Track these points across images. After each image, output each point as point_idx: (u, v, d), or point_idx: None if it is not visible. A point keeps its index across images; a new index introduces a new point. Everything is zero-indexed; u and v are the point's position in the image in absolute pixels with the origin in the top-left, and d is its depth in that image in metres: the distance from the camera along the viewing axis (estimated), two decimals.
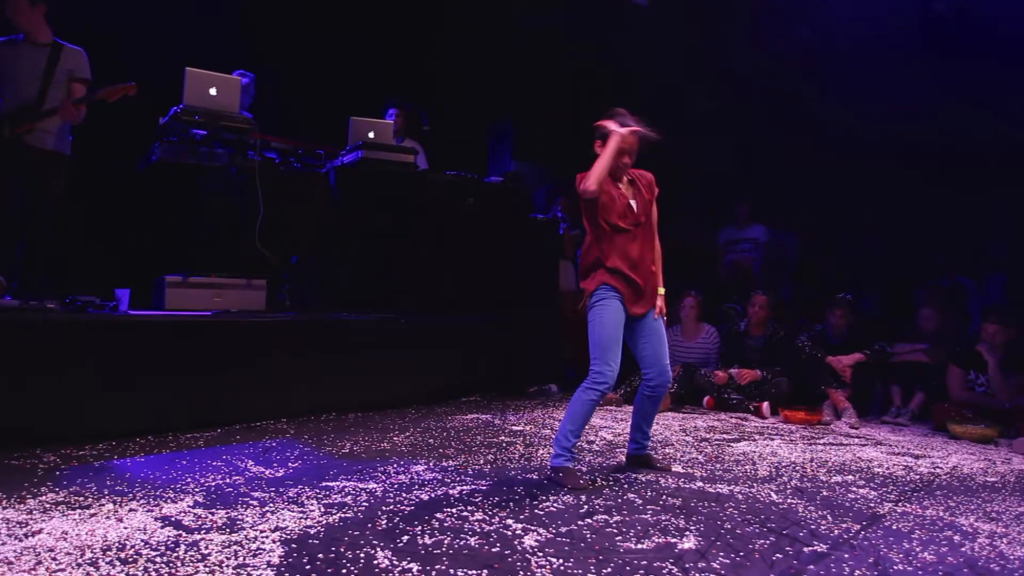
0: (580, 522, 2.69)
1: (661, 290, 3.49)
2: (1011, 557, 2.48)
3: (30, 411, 3.53)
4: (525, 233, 6.27)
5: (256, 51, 6.33)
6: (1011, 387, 4.84)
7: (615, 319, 3.28)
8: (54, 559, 2.16)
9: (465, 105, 7.55)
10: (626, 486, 3.21)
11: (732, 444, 4.24)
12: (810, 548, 2.49)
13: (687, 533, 2.59)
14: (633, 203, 3.39)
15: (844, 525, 2.74)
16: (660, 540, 2.52)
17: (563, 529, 2.60)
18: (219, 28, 6.30)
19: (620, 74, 7.51)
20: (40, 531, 2.38)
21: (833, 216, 7.40)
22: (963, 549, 2.54)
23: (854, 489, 3.29)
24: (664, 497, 3.05)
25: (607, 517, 2.75)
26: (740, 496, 3.10)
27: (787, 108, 7.10)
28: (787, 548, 2.48)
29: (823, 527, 2.71)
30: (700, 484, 3.28)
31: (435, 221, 5.82)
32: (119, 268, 5.02)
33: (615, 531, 2.60)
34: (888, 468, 3.74)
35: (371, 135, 5.67)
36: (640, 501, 2.98)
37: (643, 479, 3.34)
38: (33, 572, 2.07)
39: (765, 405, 5.23)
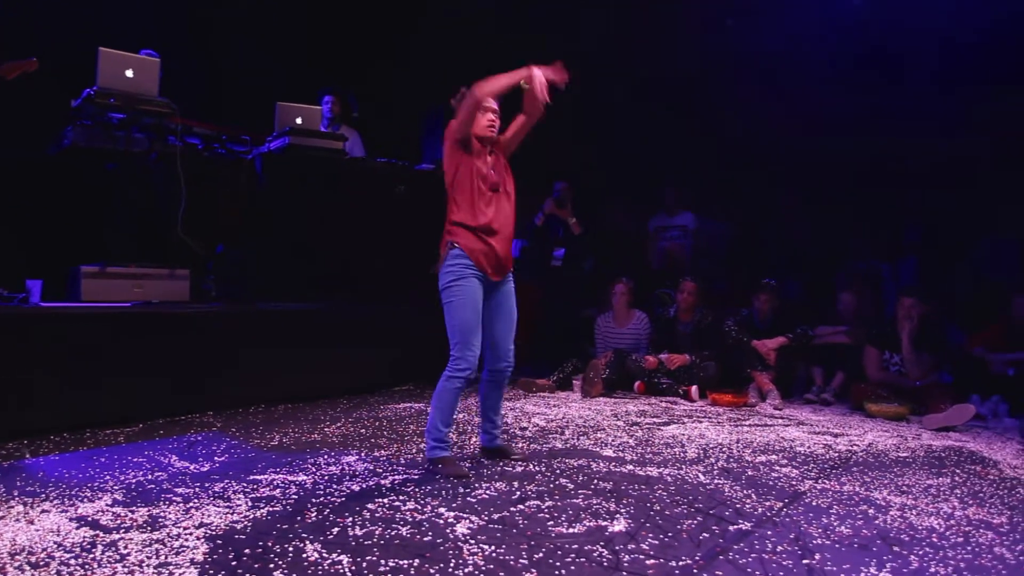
0: (512, 508, 2.70)
1: None
2: (920, 527, 2.61)
3: None
4: None
5: (174, 30, 6.10)
6: (923, 366, 5.08)
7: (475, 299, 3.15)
8: None
9: (402, 91, 7.44)
10: (558, 471, 3.24)
11: (662, 428, 4.32)
12: (735, 526, 2.56)
13: (617, 516, 2.63)
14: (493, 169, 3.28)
15: (767, 503, 2.83)
16: (591, 524, 2.55)
17: (495, 516, 2.61)
18: (134, 4, 6.04)
19: (550, 58, 7.53)
20: None
21: (759, 204, 7.60)
22: (877, 522, 2.65)
23: (777, 468, 3.40)
24: (595, 481, 3.09)
25: (539, 503, 2.77)
26: (669, 478, 3.16)
27: (713, 98, 7.25)
28: (713, 527, 2.54)
29: (747, 506, 2.80)
30: (631, 467, 3.34)
31: (365, 209, 5.73)
32: (30, 258, 4.77)
33: (547, 516, 2.62)
34: (809, 447, 3.88)
35: (299, 121, 5.53)
36: (572, 486, 3.01)
37: (574, 464, 3.38)
38: None
39: (694, 389, 5.36)
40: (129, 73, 4.71)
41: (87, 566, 2.07)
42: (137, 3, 6.01)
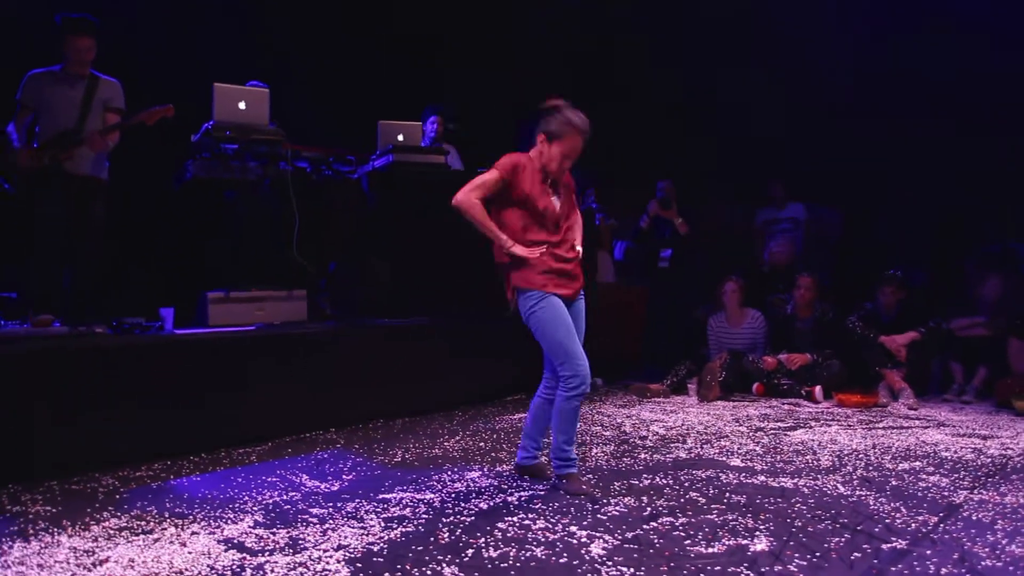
0: (645, 526, 2.63)
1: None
2: None
3: (86, 434, 3.55)
4: None
5: (278, 61, 6.32)
6: None
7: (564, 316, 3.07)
8: None
9: (494, 102, 7.48)
10: (687, 484, 3.14)
11: (788, 432, 4.14)
12: (888, 545, 2.40)
13: (757, 534, 2.52)
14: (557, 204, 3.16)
15: (920, 518, 2.65)
16: (731, 543, 2.44)
17: (629, 535, 2.54)
18: (239, 40, 6.30)
19: (640, 56, 7.41)
20: (107, 559, 2.38)
21: (874, 188, 7.19)
22: None
23: (924, 477, 3.18)
24: (727, 495, 2.97)
25: (672, 519, 2.69)
26: (806, 490, 3.01)
27: (809, 77, 6.92)
28: (864, 546, 2.39)
29: (899, 521, 2.62)
30: (762, 478, 3.20)
31: (468, 222, 5.75)
32: (162, 287, 5.05)
33: (683, 534, 2.53)
34: (956, 452, 3.62)
35: (400, 138, 5.62)
36: (703, 500, 2.91)
37: (702, 475, 3.27)
38: None
39: (818, 389, 5.11)
40: (242, 105, 4.91)
41: None
42: (240, 39, 6.27)
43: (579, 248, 3.24)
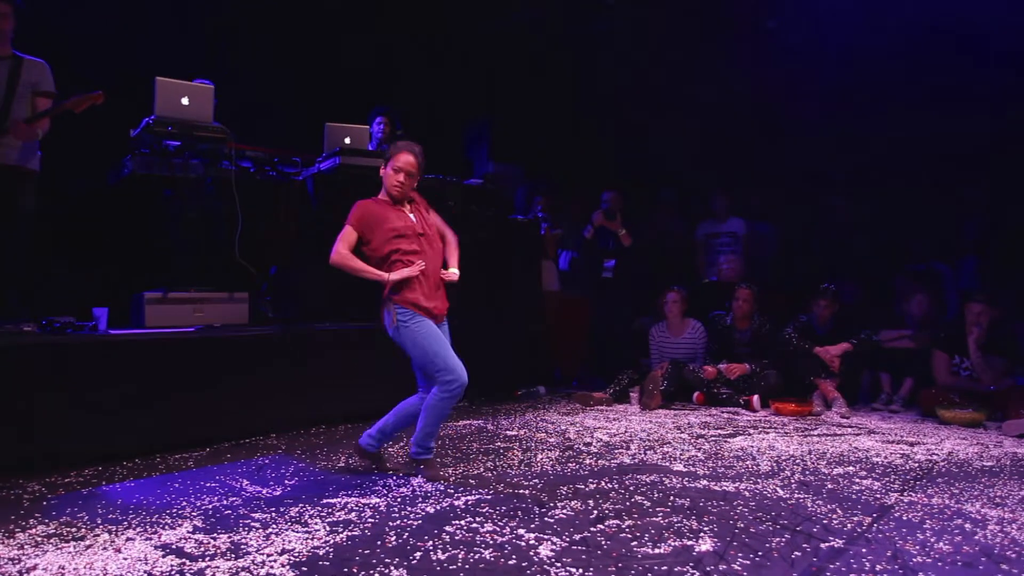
0: (592, 528, 2.65)
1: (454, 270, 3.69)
2: None
3: (9, 438, 3.39)
4: (506, 234, 6.21)
5: (224, 58, 6.19)
6: (995, 370, 4.91)
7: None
8: None
9: (442, 107, 7.48)
10: (632, 488, 3.17)
11: (728, 439, 4.23)
12: (827, 544, 2.47)
13: (701, 535, 2.57)
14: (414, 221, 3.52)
15: (855, 518, 2.74)
16: (676, 543, 2.48)
17: (576, 536, 2.56)
18: (185, 35, 6.15)
19: (591, 71, 7.52)
20: (35, 567, 2.27)
21: (810, 206, 7.45)
22: (976, 537, 2.54)
23: (857, 480, 3.29)
24: (672, 498, 3.02)
25: (619, 522, 2.72)
26: (747, 493, 3.08)
27: (761, 101, 7.15)
28: (804, 545, 2.46)
29: (835, 521, 2.71)
30: (705, 482, 3.26)
31: None
32: (95, 286, 4.86)
33: (629, 536, 2.56)
34: (886, 457, 3.76)
35: (347, 140, 5.56)
36: (648, 503, 2.95)
37: (647, 480, 3.31)
38: None
39: (755, 398, 5.25)
40: (185, 101, 4.78)
41: None
42: (187, 34, 6.12)
43: (454, 270, 3.67)
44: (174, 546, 2.47)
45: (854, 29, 6.70)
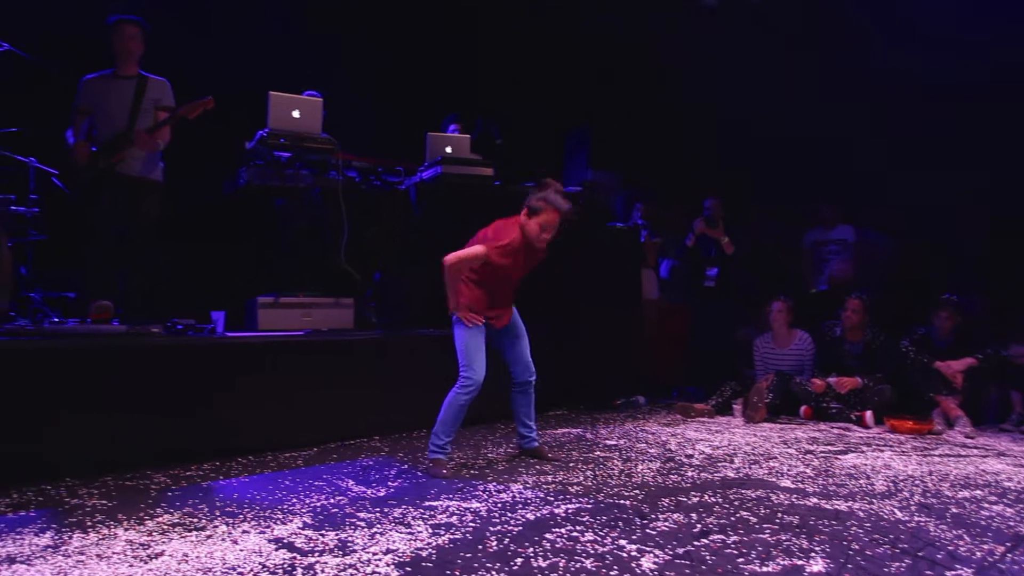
0: (696, 542, 2.58)
1: None
2: None
3: (139, 432, 3.61)
4: (605, 242, 6.17)
5: (331, 71, 6.43)
6: None
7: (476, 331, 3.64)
8: None
9: (540, 114, 7.51)
10: (736, 503, 3.07)
11: (839, 456, 4.04)
12: (953, 573, 2.31)
13: (812, 555, 2.45)
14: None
15: (986, 547, 2.55)
16: (786, 562, 2.38)
17: (680, 550, 2.50)
18: (293, 51, 6.43)
19: (694, 76, 7.37)
20: (162, 553, 2.41)
21: (926, 213, 7.04)
22: None
23: (987, 505, 3.07)
24: (780, 515, 2.90)
25: (723, 537, 2.63)
26: (861, 513, 2.93)
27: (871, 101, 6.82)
28: (927, 572, 2.31)
29: (962, 549, 2.53)
30: (815, 500, 3.12)
31: None
32: (214, 290, 5.14)
33: (735, 552, 2.48)
34: (1020, 482, 3.50)
35: (448, 150, 5.67)
36: (755, 519, 2.85)
37: (752, 495, 3.20)
38: None
39: (868, 414, 4.99)
40: (296, 114, 5.00)
41: None
42: (295, 49, 6.40)
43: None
44: (286, 540, 2.56)
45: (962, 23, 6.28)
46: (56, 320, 4.17)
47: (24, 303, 4.28)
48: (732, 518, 2.86)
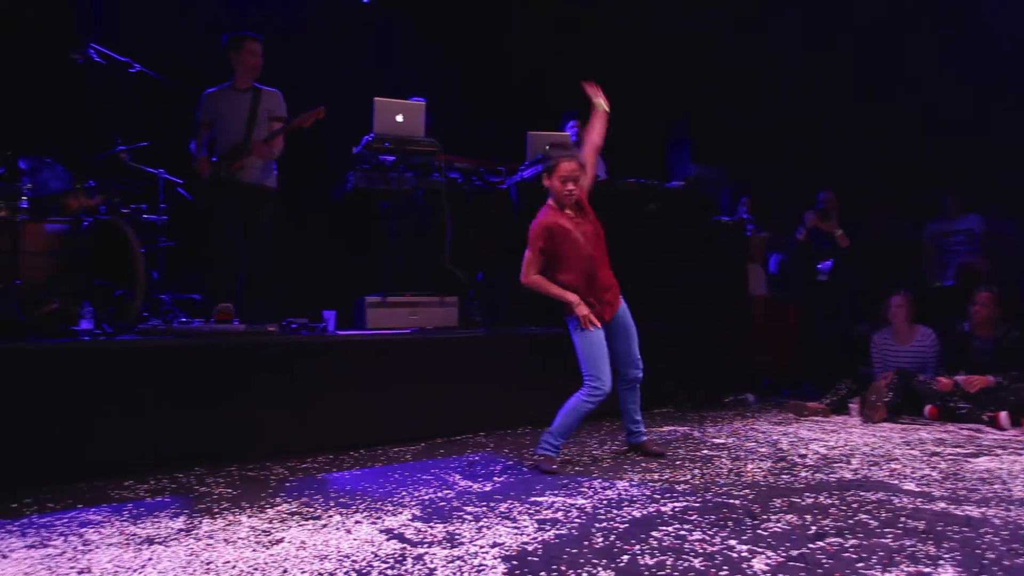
0: (811, 544, 2.47)
1: None
2: None
3: (259, 426, 3.81)
4: (710, 237, 6.01)
5: (433, 74, 6.55)
6: None
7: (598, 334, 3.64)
8: (298, 567, 2.28)
9: (641, 109, 7.40)
10: (855, 506, 2.93)
11: (970, 459, 3.78)
12: None
13: (941, 563, 2.31)
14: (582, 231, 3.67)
15: None
16: (911, 569, 2.25)
17: (794, 552, 2.40)
18: (398, 56, 6.61)
19: (797, 67, 7.09)
20: (282, 540, 2.53)
21: None
22: None
23: None
24: (903, 519, 2.75)
25: (841, 540, 2.52)
26: (997, 521, 2.73)
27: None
28: None
29: None
30: (943, 505, 2.94)
31: (615, 230, 5.71)
32: (324, 290, 5.35)
33: (854, 556, 2.36)
34: None
35: (548, 147, 5.67)
36: (875, 523, 2.71)
37: (872, 497, 3.04)
38: None
39: (1003, 415, 4.64)
40: (399, 118, 5.14)
41: None
42: (395, 54, 6.58)
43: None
44: (396, 531, 2.64)
45: None
46: (184, 320, 4.45)
47: (156, 304, 4.58)
48: (850, 521, 2.73)
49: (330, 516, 2.81)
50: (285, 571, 2.25)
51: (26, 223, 4.01)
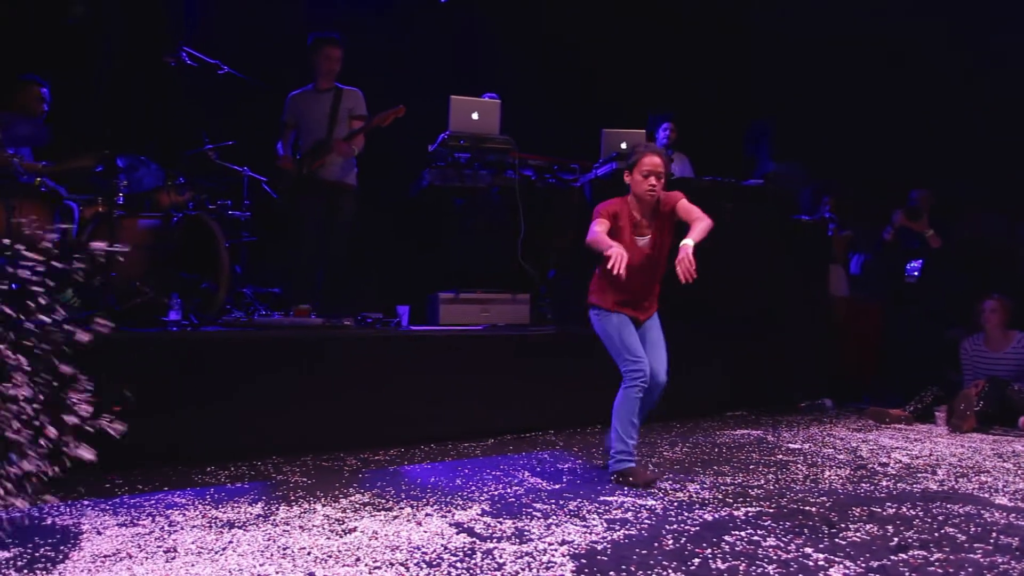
0: (893, 556, 2.38)
1: None
2: None
3: (334, 417, 3.91)
4: (789, 236, 5.85)
5: (505, 72, 6.58)
6: None
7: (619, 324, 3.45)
8: (370, 556, 2.33)
9: (719, 107, 7.26)
10: (940, 518, 2.81)
11: None
12: None
13: None
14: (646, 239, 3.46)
15: None
16: None
17: (874, 564, 2.32)
18: (470, 54, 6.66)
19: (886, 64, 6.80)
20: (354, 529, 2.59)
21: None
22: None
23: None
24: (994, 534, 2.62)
25: (925, 553, 2.41)
26: None
27: None
28: None
29: None
30: None
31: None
32: (399, 286, 5.45)
33: (940, 571, 2.26)
34: None
35: (623, 146, 5.61)
36: (963, 537, 2.58)
37: (960, 510, 2.91)
38: (355, 567, 2.24)
39: None
40: (475, 116, 5.19)
41: (471, 570, 2.22)
42: (470, 51, 6.63)
43: (690, 241, 3.22)
44: (465, 525, 2.66)
45: None
46: (264, 313, 4.60)
47: (238, 298, 4.76)
48: (935, 534, 2.62)
49: (401, 508, 2.86)
50: (358, 559, 2.30)
51: (122, 219, 4.22)
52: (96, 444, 2.30)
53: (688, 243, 3.17)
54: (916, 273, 5.76)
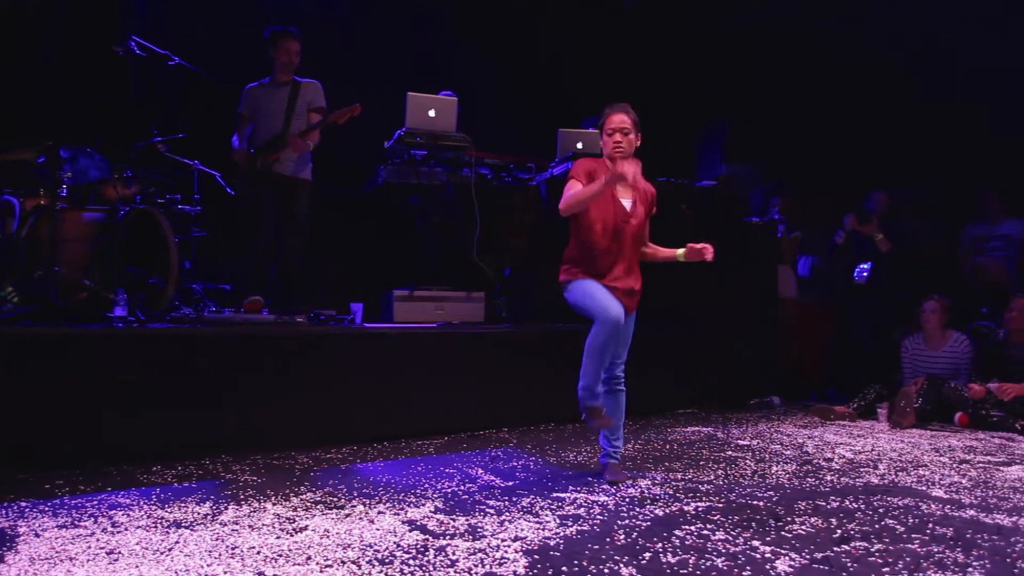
0: (836, 548, 2.45)
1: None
2: None
3: (284, 415, 3.85)
4: (740, 238, 5.96)
5: (463, 71, 6.57)
6: None
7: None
8: (322, 555, 2.30)
9: (673, 109, 7.35)
10: (881, 511, 2.90)
11: (1001, 468, 3.71)
12: None
13: (970, 570, 2.27)
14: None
15: None
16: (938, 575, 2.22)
17: (818, 555, 2.38)
18: (426, 50, 6.63)
19: (837, 68, 6.97)
20: (305, 528, 2.56)
21: None
22: None
23: None
24: (931, 526, 2.71)
25: (867, 544, 2.49)
26: None
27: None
28: None
29: None
30: (972, 513, 2.89)
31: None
32: (353, 283, 5.39)
33: (880, 561, 2.33)
34: None
35: (579, 146, 5.67)
36: (902, 528, 2.67)
37: (899, 503, 3.00)
38: (305, 566, 2.21)
39: None
40: (431, 113, 5.17)
41: (424, 568, 2.22)
42: (427, 48, 6.61)
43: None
44: (418, 523, 2.65)
45: None
46: (214, 309, 4.51)
47: (187, 294, 4.66)
48: (876, 526, 2.70)
49: (353, 506, 2.84)
50: (309, 558, 2.28)
51: (65, 211, 4.10)
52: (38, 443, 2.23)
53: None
54: (865, 275, 5.91)
